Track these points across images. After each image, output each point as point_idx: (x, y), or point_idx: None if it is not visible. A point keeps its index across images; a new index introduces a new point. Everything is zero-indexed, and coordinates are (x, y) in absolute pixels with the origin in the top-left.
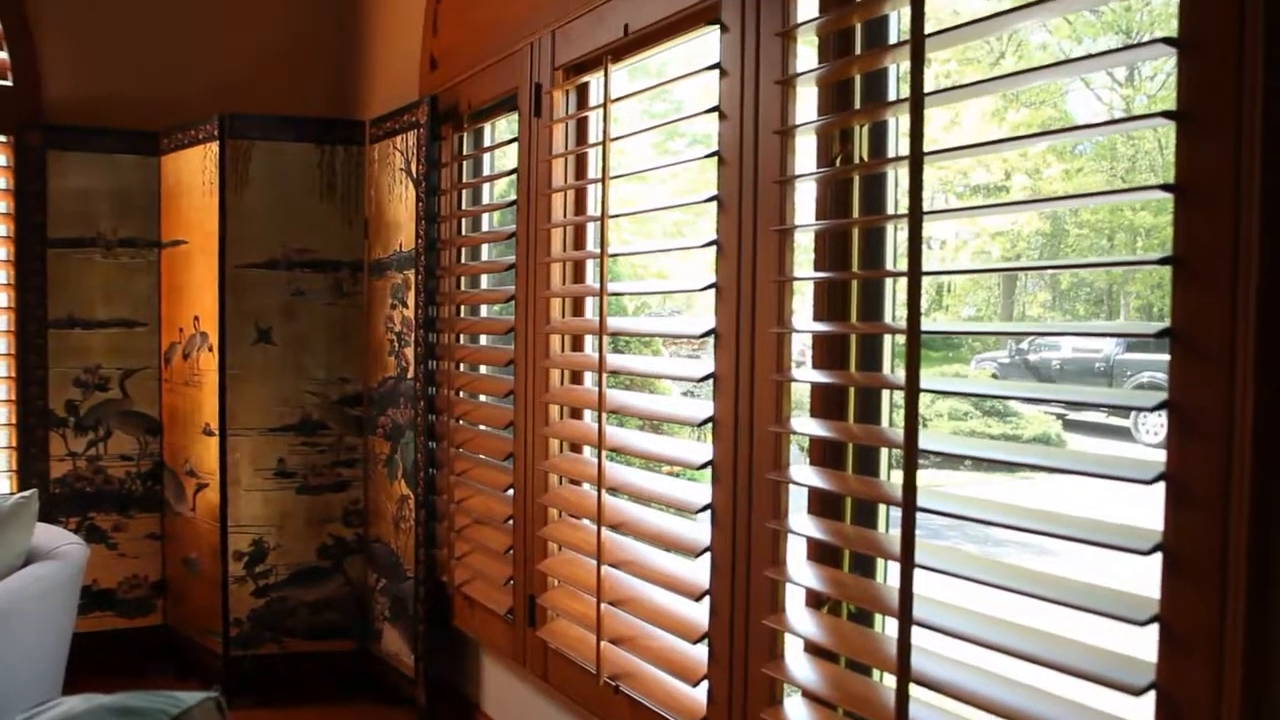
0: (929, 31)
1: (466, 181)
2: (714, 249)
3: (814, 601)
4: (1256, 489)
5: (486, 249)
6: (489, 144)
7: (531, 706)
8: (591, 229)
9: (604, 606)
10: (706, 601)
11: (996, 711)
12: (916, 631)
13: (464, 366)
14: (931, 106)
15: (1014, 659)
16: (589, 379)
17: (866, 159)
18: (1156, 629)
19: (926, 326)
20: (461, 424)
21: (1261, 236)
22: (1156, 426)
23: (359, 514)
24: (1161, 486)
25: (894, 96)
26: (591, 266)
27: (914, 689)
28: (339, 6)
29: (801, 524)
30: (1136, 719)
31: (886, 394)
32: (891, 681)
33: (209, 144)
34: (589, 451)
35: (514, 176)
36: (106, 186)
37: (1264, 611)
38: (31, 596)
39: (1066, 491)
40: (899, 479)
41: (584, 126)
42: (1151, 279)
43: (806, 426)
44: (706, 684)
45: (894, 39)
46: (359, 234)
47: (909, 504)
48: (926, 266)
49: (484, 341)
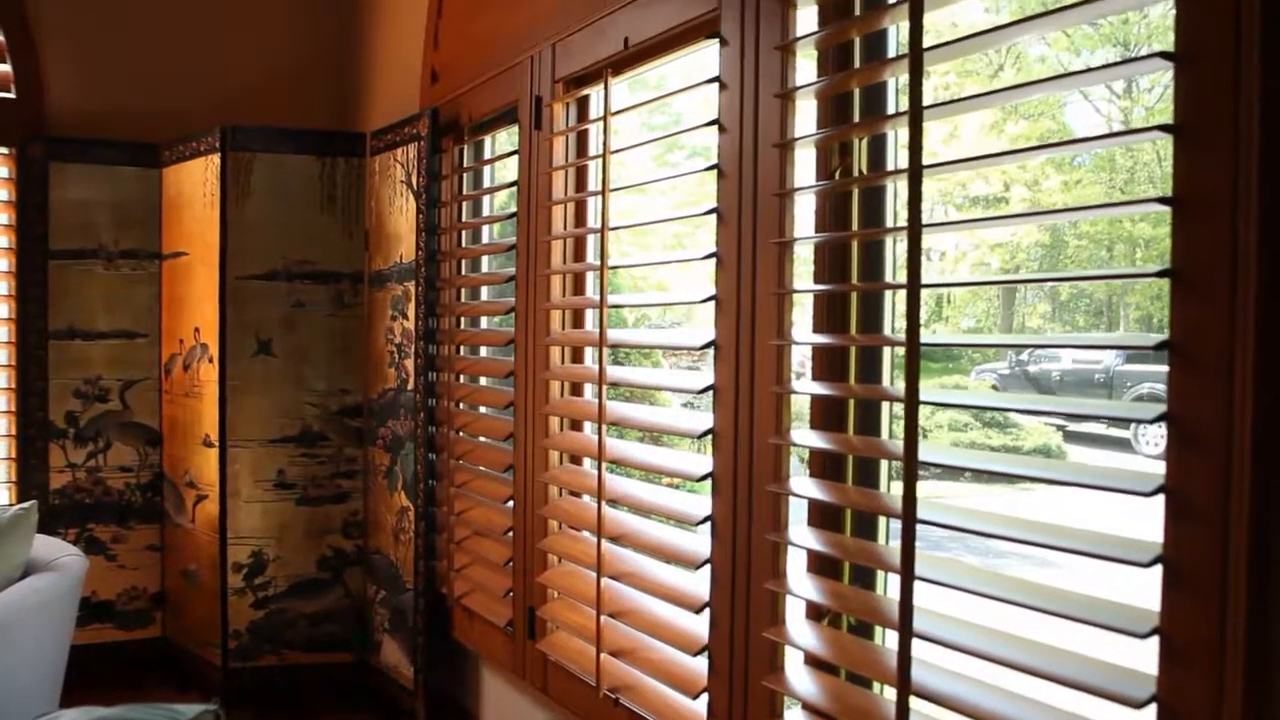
0: (927, 45)
1: (467, 194)
2: (714, 261)
3: (814, 614)
4: (1256, 501)
5: (487, 261)
6: (489, 156)
7: (531, 719)
8: (591, 241)
9: (604, 619)
10: (706, 614)
11: None
12: (916, 644)
13: (464, 378)
14: (930, 120)
15: (1015, 672)
16: (589, 391)
17: (865, 172)
18: (1157, 641)
19: (926, 339)
20: (461, 436)
21: (1259, 249)
22: (1157, 438)
23: (359, 526)
24: (1161, 499)
25: (893, 110)
26: (591, 278)
27: (914, 702)
28: (340, 20)
29: (801, 536)
30: None
31: (886, 405)
32: (892, 694)
33: (210, 156)
34: (589, 463)
35: (514, 189)
36: (108, 198)
37: (1265, 624)
38: (30, 608)
39: (1067, 502)
40: (899, 490)
41: (584, 139)
42: (1151, 290)
43: (806, 438)
44: (706, 696)
45: (893, 53)
46: (359, 246)
47: (909, 516)
48: (926, 278)
49: (484, 353)
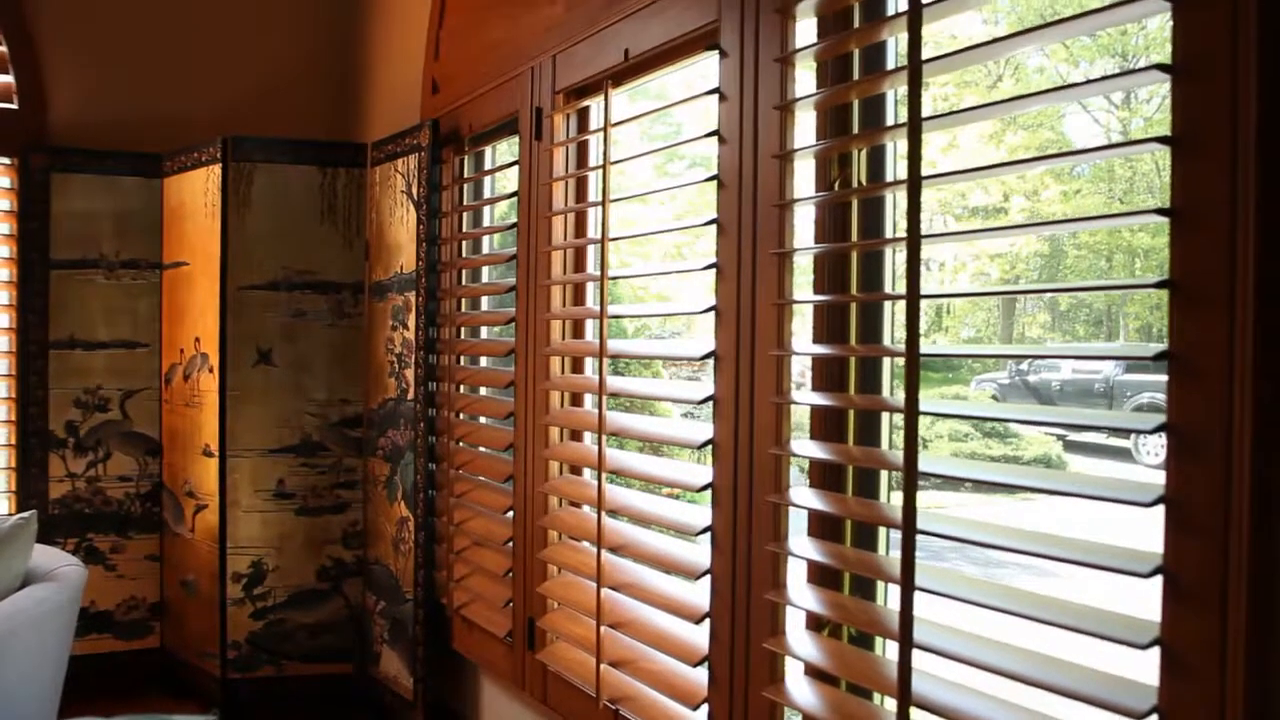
0: (926, 57)
1: (467, 204)
2: (714, 271)
3: (814, 624)
4: (1256, 511)
5: (487, 271)
6: (490, 167)
7: None
8: (592, 251)
9: (604, 629)
10: (706, 624)
11: None
12: (917, 654)
13: (464, 388)
14: (929, 131)
15: (1015, 682)
16: (589, 401)
17: (865, 183)
18: (1158, 652)
19: (925, 349)
20: (461, 446)
21: (1257, 260)
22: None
23: (358, 536)
24: (1161, 509)
25: (892, 121)
26: (591, 289)
27: (915, 713)
28: (341, 31)
29: (801, 546)
30: None
31: (886, 415)
32: (892, 705)
33: (212, 166)
34: (589, 473)
35: (515, 199)
36: (109, 208)
37: (1266, 634)
38: (29, 619)
39: (1068, 513)
40: (899, 501)
41: (584, 150)
42: (1150, 300)
43: (806, 449)
44: (706, 707)
45: (891, 64)
46: (360, 256)
47: (909, 527)
48: (926, 288)
49: (484, 363)
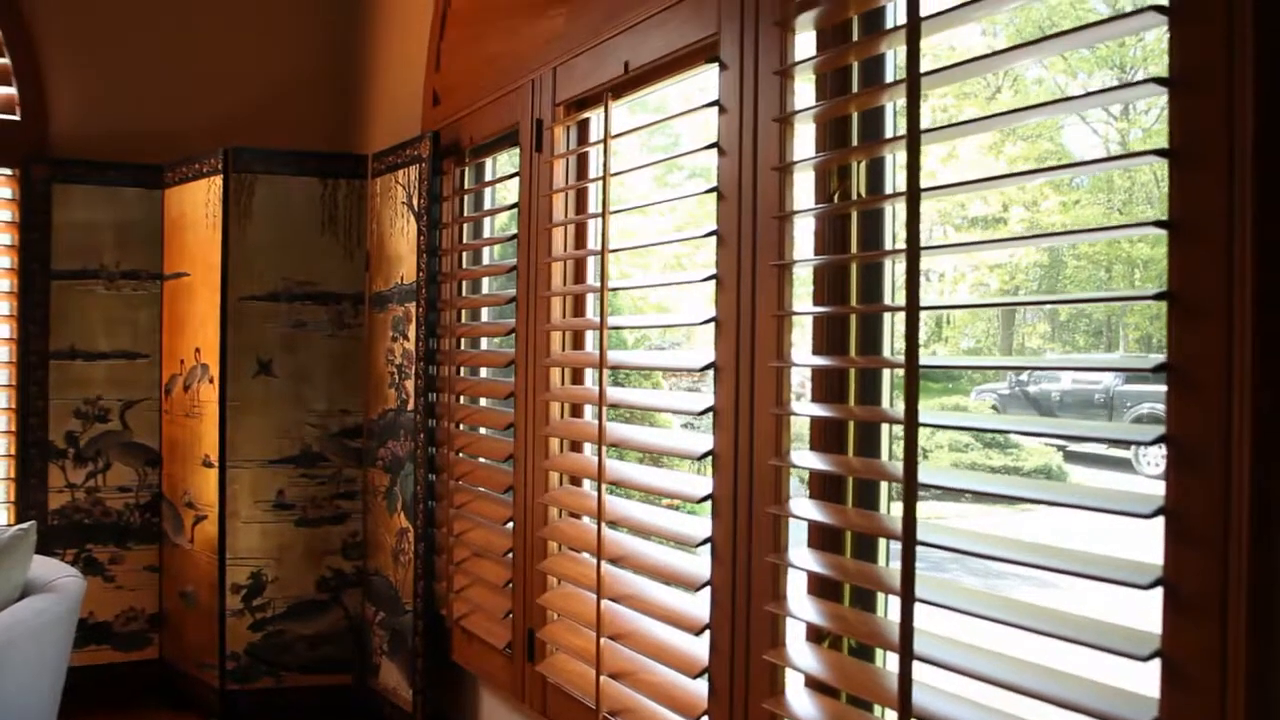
0: (924, 70)
1: (468, 215)
2: (713, 283)
3: (814, 636)
4: (1256, 523)
5: (487, 282)
6: (490, 178)
7: None
8: (592, 262)
9: (604, 640)
10: (706, 636)
11: None
12: (917, 666)
13: (464, 399)
14: (928, 143)
15: (1016, 694)
16: (589, 412)
17: (864, 194)
18: (1158, 664)
19: (925, 361)
20: (461, 456)
21: (1255, 271)
22: (1157, 458)
23: (358, 547)
24: (1161, 520)
25: (891, 133)
26: (591, 300)
27: None
28: (342, 42)
29: (801, 558)
30: None
31: (886, 426)
32: (893, 717)
33: (213, 177)
34: (589, 484)
35: (515, 211)
36: (110, 219)
37: (1266, 646)
38: (28, 630)
39: (1069, 523)
40: (899, 512)
41: (584, 161)
42: (1150, 310)
43: (806, 460)
44: (706, 719)
45: (890, 77)
46: (360, 267)
47: (909, 538)
48: (925, 299)
49: (484, 374)
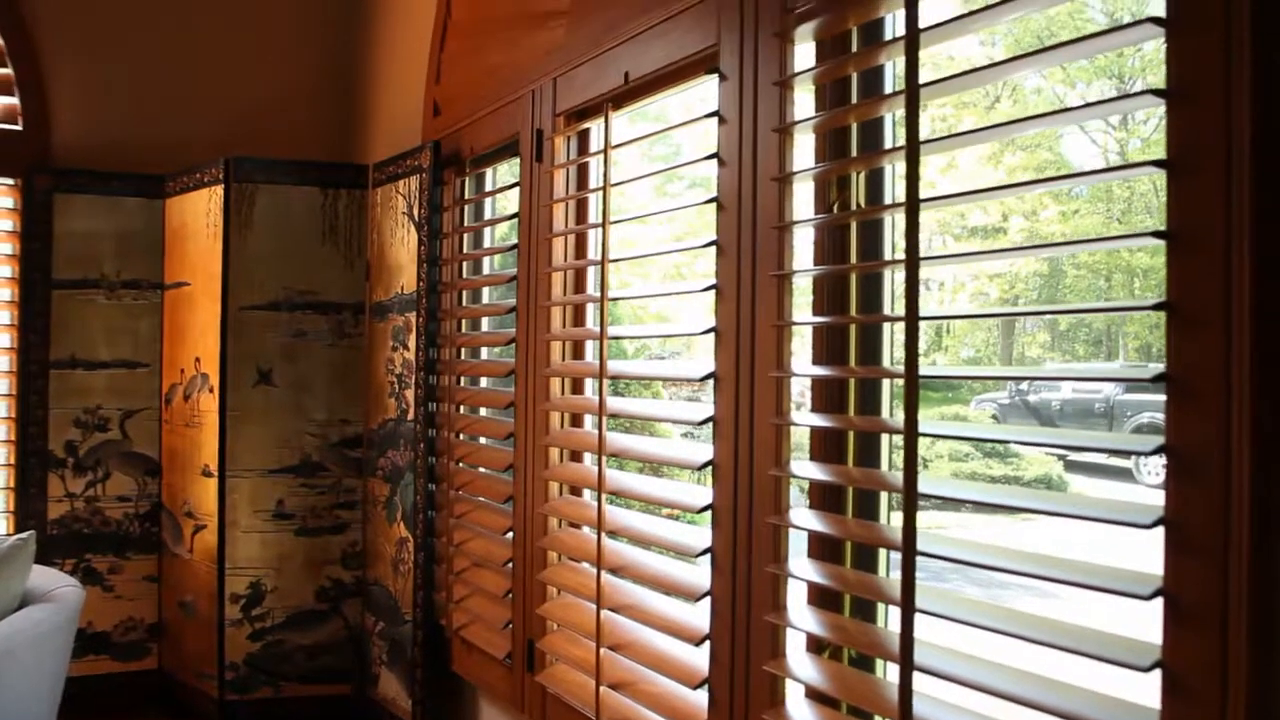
0: (923, 81)
1: (468, 225)
2: (713, 292)
3: (814, 646)
4: (1256, 533)
5: (487, 292)
6: (491, 188)
7: None
8: (592, 272)
9: (603, 651)
10: (706, 646)
11: None
12: (918, 677)
13: (464, 409)
14: (927, 154)
15: (1017, 705)
16: (589, 421)
17: (863, 205)
18: (1159, 675)
19: (925, 370)
20: (461, 466)
21: (1253, 282)
22: (1158, 467)
23: (357, 556)
24: (1161, 531)
25: (890, 143)
26: (591, 309)
27: None
28: (343, 53)
29: (802, 568)
30: None
31: (886, 435)
32: None
33: (214, 187)
34: (589, 494)
35: (515, 221)
36: (111, 229)
37: (1266, 656)
38: (26, 640)
39: (1070, 532)
40: (899, 522)
41: (584, 171)
42: (1150, 320)
43: (806, 470)
44: None
45: (889, 88)
46: (360, 276)
47: (909, 548)
48: (925, 308)
49: (484, 384)
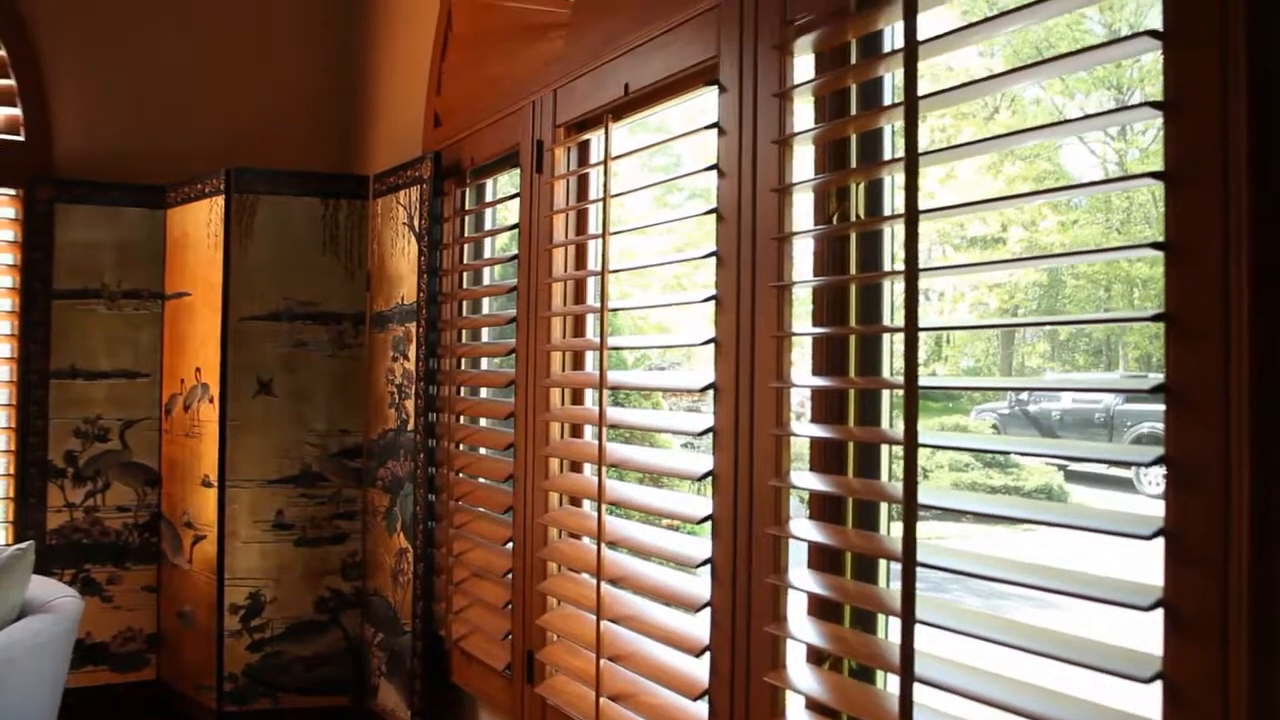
0: (922, 93)
1: (468, 236)
2: (713, 303)
3: (815, 657)
4: (1256, 543)
5: (488, 303)
6: (491, 199)
7: None
8: (592, 283)
9: (603, 662)
10: (707, 657)
11: None
12: (918, 688)
13: (464, 419)
14: (926, 165)
15: (1018, 716)
16: (589, 432)
17: (863, 216)
18: (1160, 686)
19: (925, 381)
20: (461, 477)
21: (1251, 293)
22: (1158, 477)
23: (357, 567)
24: (1161, 542)
25: (889, 155)
26: (591, 320)
27: None
28: (344, 64)
29: (802, 579)
30: None
31: (886, 446)
32: None
33: (215, 198)
34: (589, 505)
35: (515, 231)
36: (112, 239)
37: (1267, 667)
38: (25, 651)
39: (1071, 542)
40: (899, 532)
41: (584, 182)
42: (1149, 330)
43: (806, 481)
44: None
45: (888, 100)
46: (361, 287)
47: (909, 559)
48: (925, 318)
49: (484, 394)
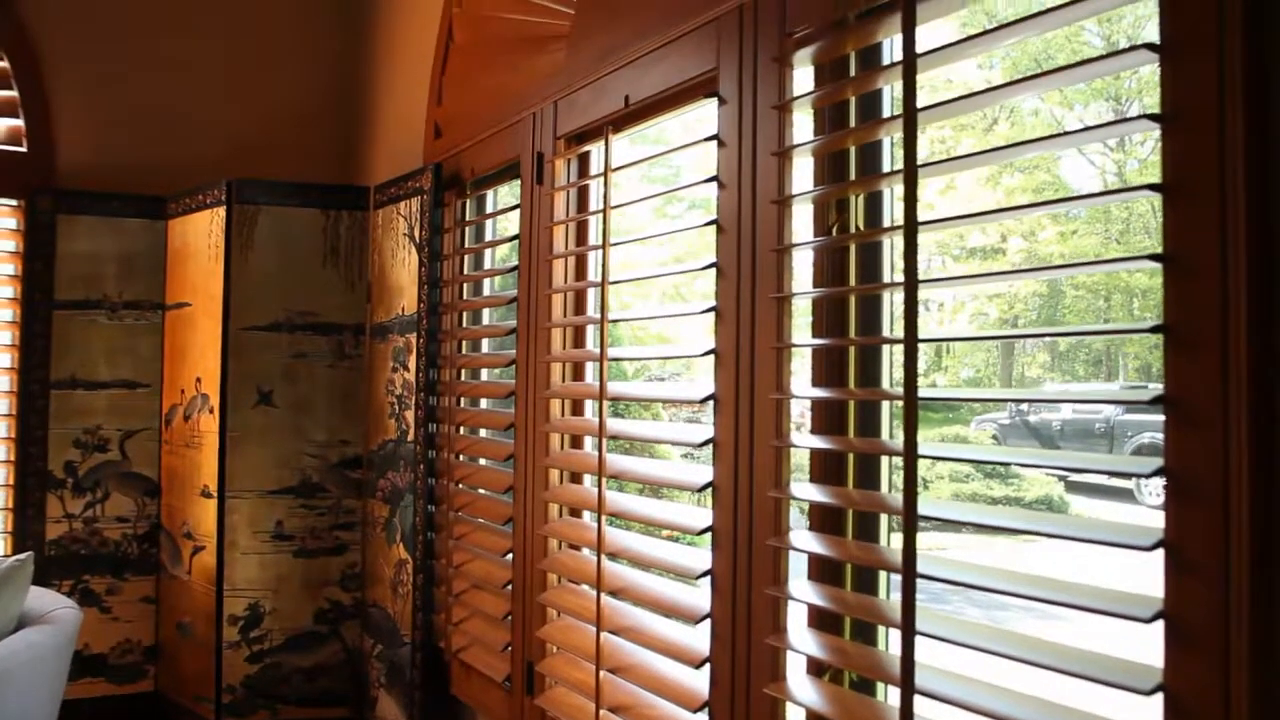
0: (921, 105)
1: (469, 247)
2: (713, 314)
3: (815, 669)
4: (1255, 556)
5: (488, 313)
6: (491, 210)
7: None
8: (592, 294)
9: (603, 674)
10: (707, 669)
11: None
12: (919, 700)
13: (464, 430)
14: (925, 177)
15: None
16: (589, 443)
17: (862, 228)
18: (1161, 698)
19: (924, 392)
20: (461, 487)
21: (1249, 305)
22: (1158, 488)
23: (356, 578)
24: (1161, 553)
25: (888, 167)
26: (591, 331)
27: None
28: (345, 75)
29: (802, 590)
30: None
31: (886, 457)
32: None
33: (216, 209)
34: (588, 516)
35: (516, 242)
36: (113, 249)
37: (1268, 680)
38: (23, 663)
39: (1072, 552)
40: (899, 544)
41: (585, 194)
42: (1149, 340)
43: (806, 492)
44: None
45: (887, 112)
46: (361, 297)
47: (909, 571)
48: (925, 327)
49: (484, 405)
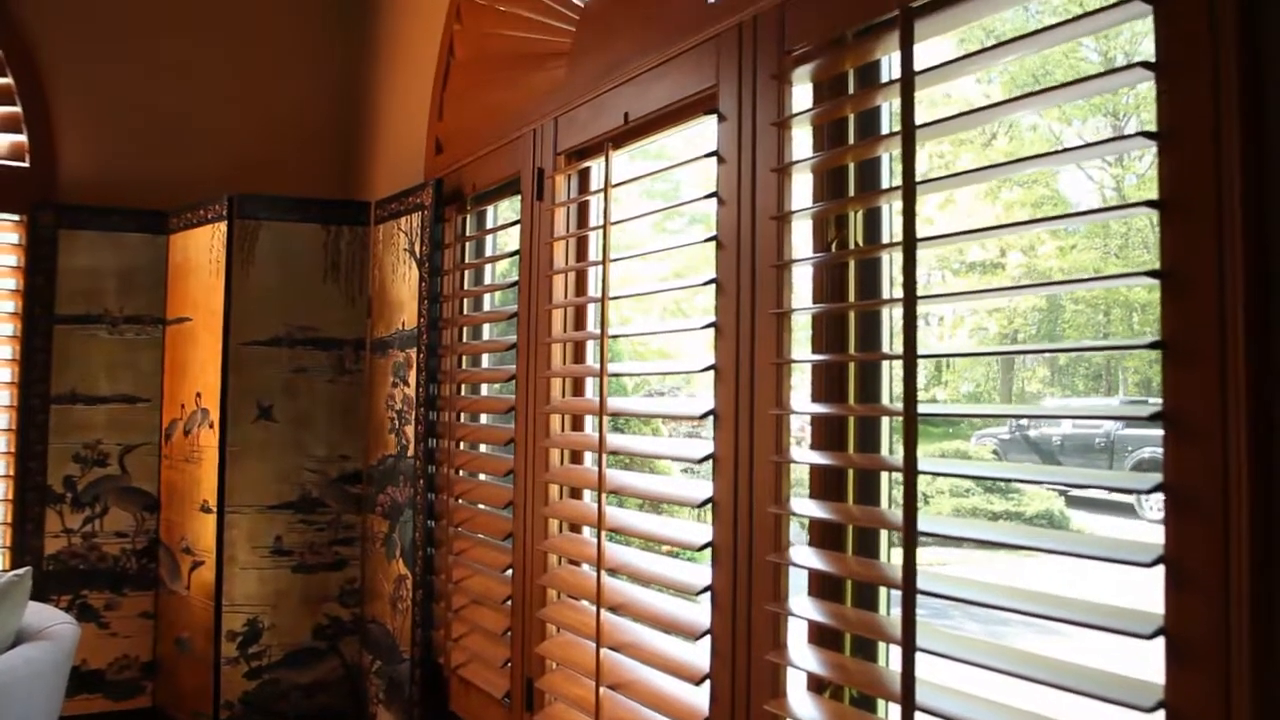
0: (920, 122)
1: (469, 262)
2: (713, 330)
3: (815, 686)
4: (1255, 572)
5: (488, 328)
6: (491, 226)
7: None
8: (592, 309)
9: (603, 691)
10: (707, 686)
11: None
12: (919, 717)
13: (464, 445)
14: (924, 193)
15: None
16: (589, 458)
17: (861, 243)
18: (1163, 715)
19: (924, 408)
20: (461, 503)
21: (1247, 321)
22: (1159, 503)
23: (356, 594)
24: (1162, 569)
25: (887, 183)
26: (591, 346)
27: None
28: (347, 91)
29: (802, 606)
30: None
31: (886, 472)
32: None
33: (217, 224)
34: (588, 531)
35: (516, 258)
36: (115, 264)
37: (1269, 697)
38: (20, 679)
39: (1072, 568)
40: (899, 559)
41: (585, 209)
42: (1149, 355)
43: (806, 508)
44: None
45: (886, 128)
46: (362, 312)
47: (909, 587)
48: (924, 342)
49: (484, 420)
